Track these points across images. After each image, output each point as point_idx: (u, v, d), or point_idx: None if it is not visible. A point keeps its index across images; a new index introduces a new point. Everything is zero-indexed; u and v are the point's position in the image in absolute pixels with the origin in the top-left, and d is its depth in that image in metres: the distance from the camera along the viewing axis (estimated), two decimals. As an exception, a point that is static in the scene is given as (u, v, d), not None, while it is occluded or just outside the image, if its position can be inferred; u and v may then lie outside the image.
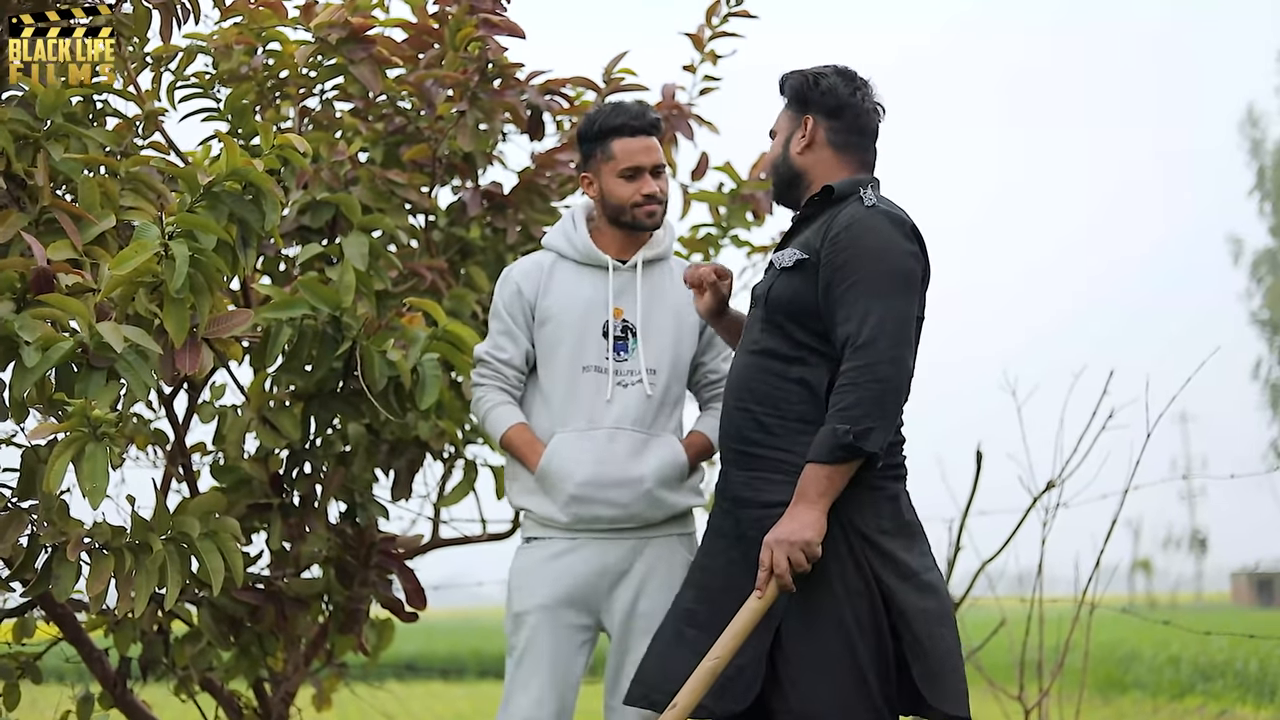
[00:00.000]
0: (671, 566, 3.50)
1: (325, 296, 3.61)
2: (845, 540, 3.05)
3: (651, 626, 3.39)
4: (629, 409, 3.50)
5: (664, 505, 3.50)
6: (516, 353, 3.57)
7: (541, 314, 3.56)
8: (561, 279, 3.57)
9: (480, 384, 3.60)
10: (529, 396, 3.60)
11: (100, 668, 4.08)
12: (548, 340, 3.54)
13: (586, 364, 3.51)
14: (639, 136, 3.54)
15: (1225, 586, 49.81)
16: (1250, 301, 37.10)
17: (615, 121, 3.54)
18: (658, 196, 3.54)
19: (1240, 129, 38.01)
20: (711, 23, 4.63)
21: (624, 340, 3.54)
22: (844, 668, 3.03)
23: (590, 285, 3.56)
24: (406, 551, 4.26)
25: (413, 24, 4.18)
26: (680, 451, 3.53)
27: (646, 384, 3.52)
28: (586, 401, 3.49)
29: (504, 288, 3.61)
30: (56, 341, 3.07)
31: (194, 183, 3.29)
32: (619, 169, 3.52)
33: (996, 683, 5.65)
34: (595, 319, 3.53)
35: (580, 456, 3.45)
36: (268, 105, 4.14)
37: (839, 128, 3.23)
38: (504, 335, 3.58)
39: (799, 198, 3.27)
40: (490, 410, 3.57)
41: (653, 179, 3.54)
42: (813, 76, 3.25)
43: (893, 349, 3.00)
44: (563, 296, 3.55)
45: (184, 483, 4.03)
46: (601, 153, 3.55)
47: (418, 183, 4.16)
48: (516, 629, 3.49)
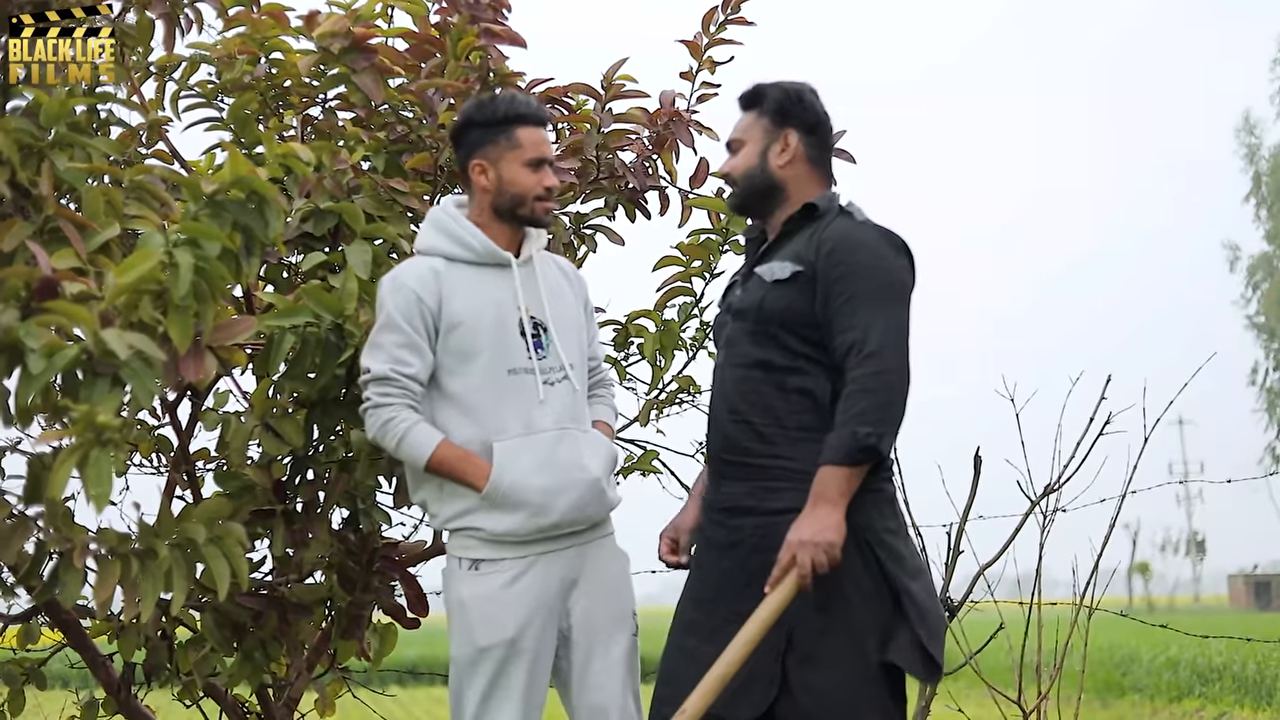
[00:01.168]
0: (615, 561, 3.49)
1: (328, 304, 3.62)
2: (855, 542, 3.09)
3: (606, 624, 3.40)
4: (563, 407, 3.40)
5: (608, 501, 3.46)
6: (422, 366, 3.38)
7: (449, 320, 3.37)
8: (462, 281, 3.40)
9: (386, 403, 3.38)
10: (435, 409, 3.42)
11: (104, 673, 4.09)
12: (459, 347, 3.37)
13: (513, 366, 3.37)
14: (541, 127, 3.44)
15: (1223, 589, 49.86)
16: (1246, 307, 37.15)
17: (522, 109, 3.43)
18: (554, 190, 3.47)
19: (1236, 135, 38.07)
20: (709, 30, 4.65)
21: (539, 338, 3.42)
22: (857, 667, 3.06)
23: (494, 285, 3.42)
24: (409, 557, 4.27)
25: (414, 33, 4.21)
26: (611, 444, 3.50)
27: (573, 379, 3.44)
28: (518, 405, 3.36)
29: (397, 296, 3.38)
30: (61, 349, 3.09)
31: (198, 191, 3.32)
32: (525, 158, 3.41)
33: (995, 686, 5.66)
34: (510, 319, 3.40)
35: (530, 464, 3.33)
36: (271, 114, 4.17)
37: (815, 143, 3.33)
38: (406, 348, 3.37)
39: (770, 209, 3.34)
40: (409, 431, 3.35)
41: (551, 171, 3.46)
42: (794, 92, 3.32)
43: (898, 356, 3.09)
44: (471, 300, 3.38)
45: (188, 489, 4.06)
46: (505, 139, 3.42)
47: (420, 191, 4.18)
48: (479, 661, 3.35)
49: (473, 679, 3.37)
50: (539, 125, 3.46)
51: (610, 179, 4.62)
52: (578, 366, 3.49)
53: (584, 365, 3.55)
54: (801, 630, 3.09)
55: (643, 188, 4.63)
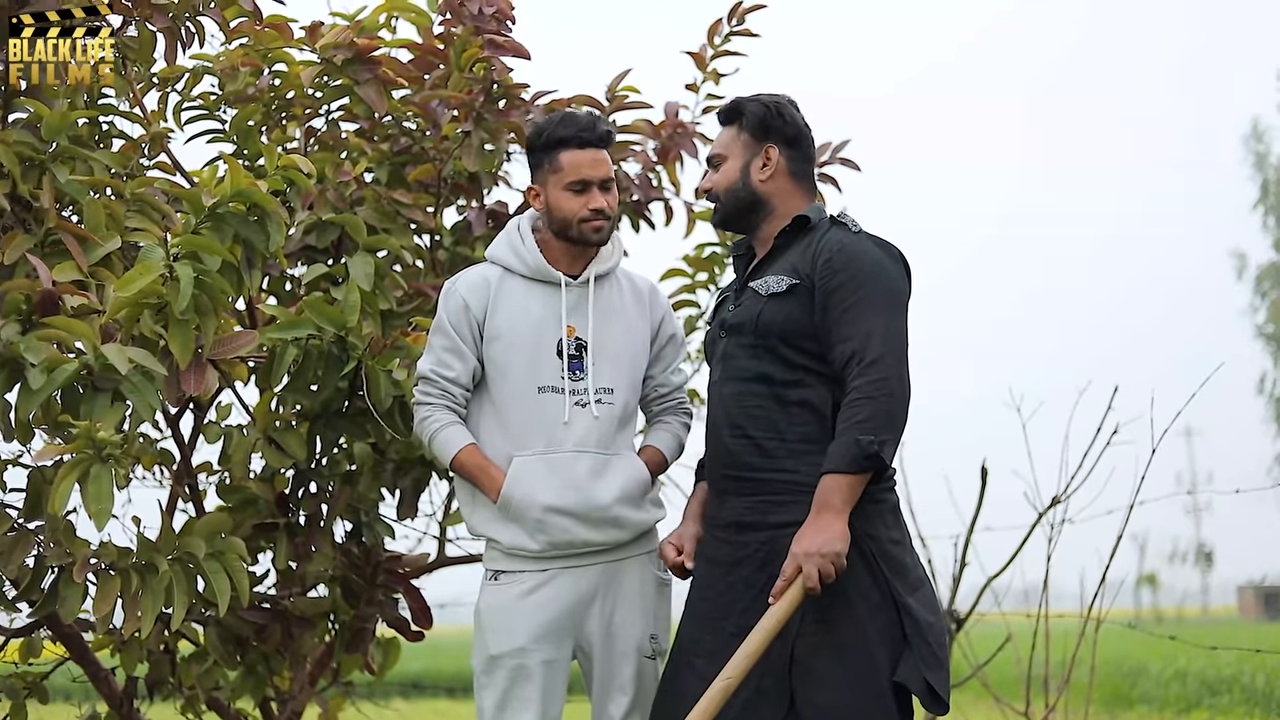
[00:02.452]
0: (642, 584, 3.45)
1: (330, 316, 3.61)
2: (861, 554, 3.07)
3: (629, 640, 3.39)
4: (588, 430, 3.39)
5: (630, 524, 3.42)
6: (464, 370, 3.41)
7: (490, 331, 3.41)
8: (510, 294, 3.43)
9: (426, 402, 3.43)
10: (480, 415, 3.45)
11: (107, 687, 4.08)
12: (498, 359, 3.40)
13: (543, 384, 3.37)
14: (588, 149, 3.42)
15: (1231, 600, 49.75)
16: (1254, 316, 37.07)
17: (564, 133, 3.42)
18: (605, 211, 3.42)
19: (1245, 143, 38.03)
20: (714, 42, 4.65)
21: (578, 359, 3.42)
22: (865, 682, 3.04)
23: (540, 302, 3.43)
24: (412, 570, 4.26)
25: (418, 45, 4.20)
26: (642, 468, 3.46)
27: (605, 403, 3.42)
28: (544, 423, 3.36)
29: (449, 302, 3.44)
30: (62, 363, 3.08)
31: (199, 204, 3.31)
32: (565, 182, 3.40)
33: (1003, 698, 5.64)
34: (549, 337, 3.40)
35: (543, 481, 3.34)
36: (274, 126, 4.17)
37: (796, 156, 3.34)
38: (450, 352, 3.41)
39: (755, 224, 3.34)
40: (439, 430, 3.40)
41: (601, 193, 3.41)
42: (774, 106, 3.32)
43: (899, 365, 3.09)
44: (513, 313, 3.41)
45: (190, 503, 4.05)
46: (549, 164, 3.42)
47: (423, 203, 4.17)
48: (492, 669, 3.37)
49: (488, 688, 3.39)
50: (584, 147, 3.42)
51: (614, 190, 4.61)
52: (620, 390, 3.46)
53: (633, 390, 3.52)
54: (805, 645, 3.07)
55: (647, 199, 4.63)
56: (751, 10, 4.56)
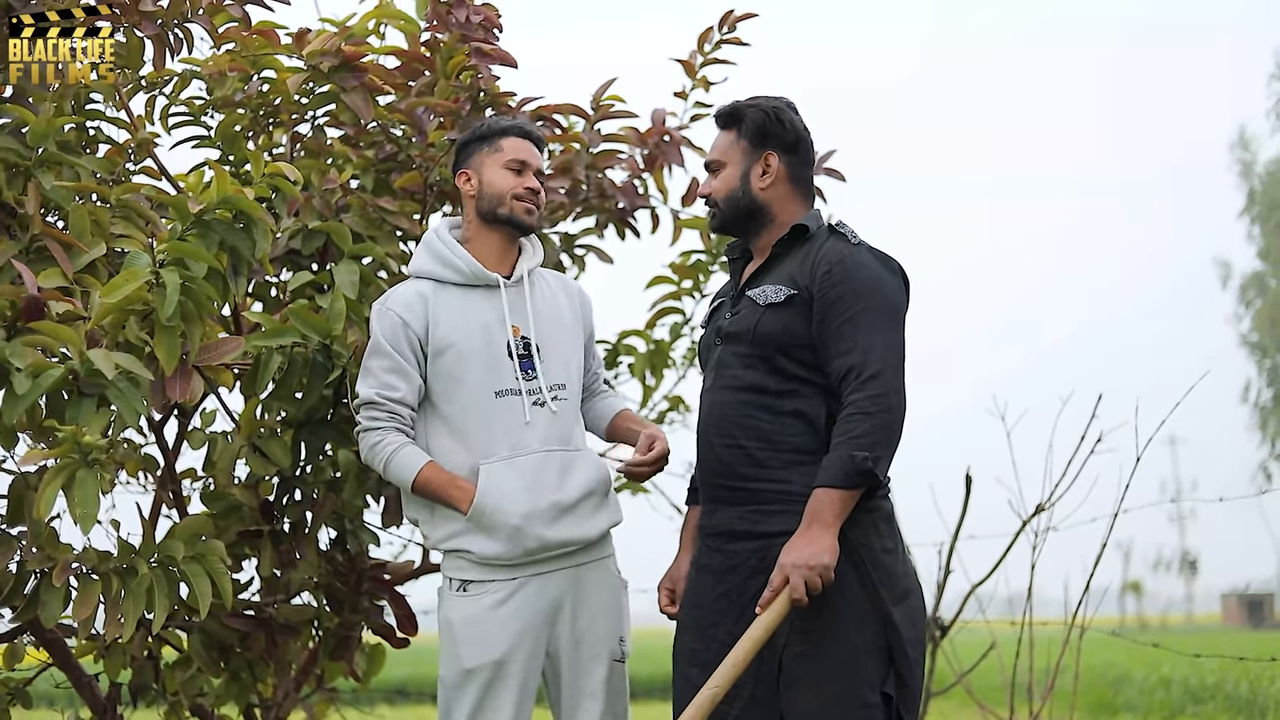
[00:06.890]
0: (605, 588, 3.47)
1: (316, 324, 3.61)
2: (852, 562, 3.07)
3: (599, 645, 3.40)
4: (550, 428, 3.40)
5: (597, 523, 3.44)
6: (409, 390, 3.39)
7: (436, 345, 3.39)
8: (449, 305, 3.42)
9: (374, 427, 3.40)
10: (429, 432, 3.44)
11: (90, 693, 4.07)
12: (451, 370, 3.39)
13: (500, 388, 3.37)
14: (528, 140, 3.51)
15: (1215, 608, 49.81)
16: (1239, 324, 37.19)
17: (507, 124, 3.53)
18: (538, 195, 3.48)
19: (1231, 151, 38.14)
20: (704, 50, 4.65)
21: (528, 358, 3.42)
22: (850, 693, 3.04)
23: (481, 306, 3.43)
24: (397, 577, 4.26)
25: (405, 52, 4.20)
26: (603, 466, 3.48)
27: (561, 399, 3.44)
28: (506, 427, 3.36)
29: (384, 321, 3.41)
30: (47, 368, 3.08)
31: (185, 211, 3.31)
32: (505, 160, 3.46)
33: (987, 705, 5.66)
34: (498, 341, 3.41)
35: (514, 486, 3.34)
36: (260, 132, 4.16)
37: (796, 162, 3.31)
38: (393, 373, 3.39)
39: (755, 231, 3.32)
40: (394, 453, 3.38)
41: (535, 179, 3.49)
42: (773, 112, 3.29)
43: (897, 380, 3.09)
44: (457, 322, 3.40)
45: (174, 509, 4.04)
46: (489, 148, 3.48)
47: (409, 210, 4.17)
48: (465, 683, 3.34)
49: (460, 700, 3.36)
50: (523, 138, 3.51)
51: (600, 198, 4.62)
52: (569, 385, 3.48)
53: (579, 382, 3.55)
54: (793, 655, 3.07)
55: (632, 207, 4.63)
56: (743, 19, 4.57)
